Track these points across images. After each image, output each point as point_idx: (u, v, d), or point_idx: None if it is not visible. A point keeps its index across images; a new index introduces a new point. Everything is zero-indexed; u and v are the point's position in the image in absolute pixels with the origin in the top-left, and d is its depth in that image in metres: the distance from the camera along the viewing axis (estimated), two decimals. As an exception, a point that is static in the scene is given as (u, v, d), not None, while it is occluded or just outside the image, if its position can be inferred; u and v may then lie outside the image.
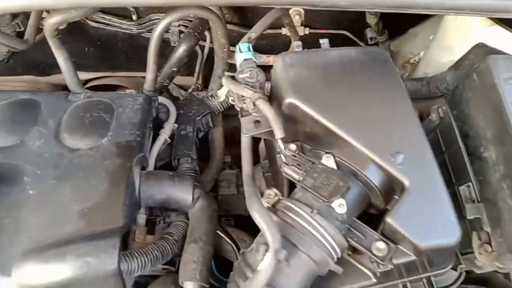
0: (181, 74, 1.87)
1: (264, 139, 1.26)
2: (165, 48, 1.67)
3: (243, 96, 0.96)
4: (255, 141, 1.37)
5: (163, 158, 1.25)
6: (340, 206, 0.85)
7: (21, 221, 0.90)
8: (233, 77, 1.00)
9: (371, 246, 0.86)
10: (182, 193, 1.06)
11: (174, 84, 1.78)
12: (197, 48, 1.72)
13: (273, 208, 0.91)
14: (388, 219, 0.84)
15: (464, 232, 1.07)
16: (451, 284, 1.00)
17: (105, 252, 0.85)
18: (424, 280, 0.95)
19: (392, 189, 0.90)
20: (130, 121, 1.08)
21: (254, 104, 0.94)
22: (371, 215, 0.97)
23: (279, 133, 0.90)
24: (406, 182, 0.86)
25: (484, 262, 1.01)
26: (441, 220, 0.85)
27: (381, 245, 0.85)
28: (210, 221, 1.05)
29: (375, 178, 0.90)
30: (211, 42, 1.61)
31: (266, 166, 1.30)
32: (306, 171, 0.89)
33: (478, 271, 1.07)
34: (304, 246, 0.85)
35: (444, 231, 0.85)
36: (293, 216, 0.87)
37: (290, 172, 0.91)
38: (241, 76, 0.98)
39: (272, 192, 0.93)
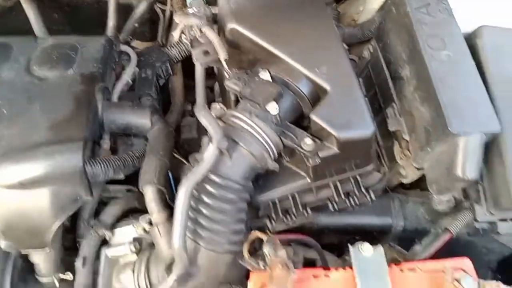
0: (145, 40, 2.00)
1: (217, 76, 1.40)
2: (131, 12, 1.80)
3: (191, 27, 1.11)
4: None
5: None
6: (273, 108, 1.00)
7: (-4, 133, 1.02)
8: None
9: (300, 143, 1.01)
10: (142, 118, 1.20)
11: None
12: (160, 12, 1.85)
13: (219, 117, 1.05)
14: (312, 116, 0.99)
15: (391, 149, 1.25)
16: (376, 183, 1.15)
17: (71, 152, 0.98)
18: (352, 180, 1.11)
19: (318, 97, 1.05)
20: (93, 56, 1.21)
21: (201, 31, 1.09)
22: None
23: (223, 55, 1.05)
24: (328, 87, 1.01)
25: (404, 166, 1.17)
26: (357, 117, 1.00)
27: (308, 140, 1.00)
28: (167, 139, 1.18)
29: (303, 87, 1.05)
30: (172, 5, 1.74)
31: (220, 102, 1.44)
32: (245, 83, 1.04)
33: (404, 181, 1.23)
34: (244, 142, 0.99)
35: (360, 125, 1.00)
36: (235, 120, 1.01)
37: (231, 84, 1.05)
38: (190, 11, 1.13)
39: (218, 106, 1.07)
